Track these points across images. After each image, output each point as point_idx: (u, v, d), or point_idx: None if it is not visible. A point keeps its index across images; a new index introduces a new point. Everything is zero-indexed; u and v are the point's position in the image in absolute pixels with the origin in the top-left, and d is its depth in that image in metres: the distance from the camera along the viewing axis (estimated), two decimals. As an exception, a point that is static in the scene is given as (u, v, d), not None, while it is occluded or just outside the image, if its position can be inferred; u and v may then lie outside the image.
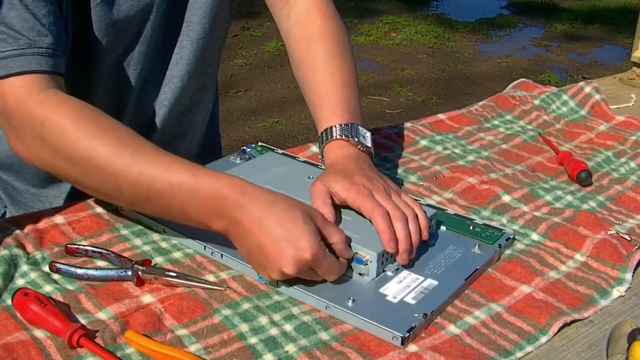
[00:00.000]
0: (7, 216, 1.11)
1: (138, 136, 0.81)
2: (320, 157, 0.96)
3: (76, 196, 0.96)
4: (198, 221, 0.78)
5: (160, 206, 0.79)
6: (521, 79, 1.50)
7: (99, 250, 0.81)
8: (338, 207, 0.83)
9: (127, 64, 0.99)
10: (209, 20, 1.02)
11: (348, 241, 0.78)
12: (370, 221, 0.80)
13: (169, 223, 0.86)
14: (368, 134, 0.95)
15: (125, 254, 0.82)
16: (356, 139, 0.92)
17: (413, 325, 0.72)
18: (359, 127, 0.94)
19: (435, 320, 0.75)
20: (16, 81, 0.79)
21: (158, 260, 0.82)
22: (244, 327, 0.72)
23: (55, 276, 0.78)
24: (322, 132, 0.95)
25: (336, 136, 0.92)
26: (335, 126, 0.93)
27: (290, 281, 0.77)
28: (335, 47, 1.02)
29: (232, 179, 0.77)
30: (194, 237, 0.84)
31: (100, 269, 0.79)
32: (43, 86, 0.80)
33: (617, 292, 0.82)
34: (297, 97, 3.81)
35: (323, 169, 0.94)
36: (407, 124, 1.25)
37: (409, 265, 0.81)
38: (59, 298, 0.75)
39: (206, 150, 1.20)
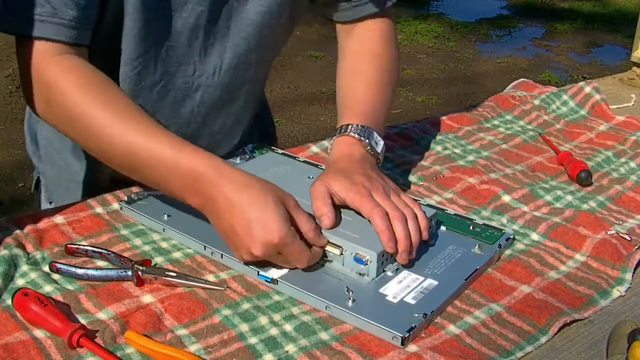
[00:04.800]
0: (41, 182, 1.15)
1: (136, 107, 0.84)
2: (328, 150, 0.96)
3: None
4: (177, 195, 0.82)
5: (145, 175, 0.83)
6: (521, 79, 1.50)
7: (99, 250, 0.81)
8: (338, 207, 0.83)
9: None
10: (255, 38, 0.99)
11: (318, 229, 0.79)
12: (370, 221, 0.80)
13: (169, 223, 0.87)
14: (381, 142, 0.95)
15: (125, 254, 0.82)
16: (367, 141, 0.92)
17: (413, 325, 0.71)
18: (375, 132, 0.95)
19: (435, 320, 0.75)
20: (39, 44, 0.83)
21: (158, 260, 0.82)
22: (244, 327, 0.72)
23: (55, 276, 0.78)
24: (338, 127, 0.96)
25: (349, 132, 0.93)
26: (352, 125, 0.94)
27: (289, 278, 0.77)
28: (384, 73, 1.05)
29: (212, 158, 0.80)
30: (194, 236, 0.84)
31: (100, 269, 0.79)
32: (61, 52, 0.84)
33: (617, 292, 0.82)
34: (297, 97, 3.81)
35: (323, 169, 0.95)
36: (407, 124, 1.25)
37: (409, 265, 0.81)
38: (59, 298, 0.75)
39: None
